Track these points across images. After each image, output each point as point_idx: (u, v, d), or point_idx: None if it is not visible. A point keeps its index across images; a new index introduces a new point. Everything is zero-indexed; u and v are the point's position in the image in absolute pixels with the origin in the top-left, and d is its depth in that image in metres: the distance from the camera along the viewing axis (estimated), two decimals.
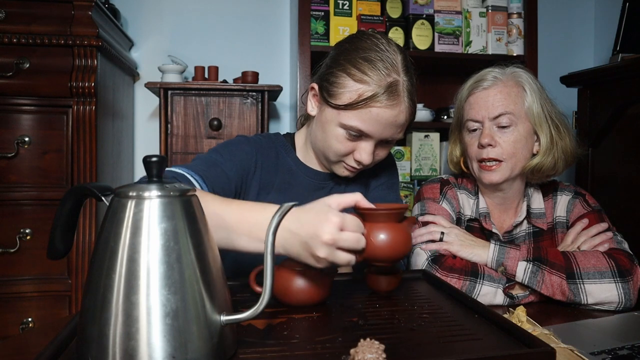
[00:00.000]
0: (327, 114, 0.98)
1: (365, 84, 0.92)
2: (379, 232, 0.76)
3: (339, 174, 1.05)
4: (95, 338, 0.53)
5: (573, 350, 0.73)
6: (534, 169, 1.15)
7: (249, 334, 0.66)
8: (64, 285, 1.62)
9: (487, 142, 1.12)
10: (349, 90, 0.94)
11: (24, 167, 1.61)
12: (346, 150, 0.98)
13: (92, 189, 0.59)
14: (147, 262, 0.53)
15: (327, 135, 0.98)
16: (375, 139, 0.97)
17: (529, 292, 1.03)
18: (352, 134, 0.96)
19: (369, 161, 0.98)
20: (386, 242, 0.76)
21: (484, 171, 1.14)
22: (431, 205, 1.19)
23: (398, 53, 0.96)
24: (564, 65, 2.36)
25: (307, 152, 1.11)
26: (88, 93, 1.62)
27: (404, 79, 0.95)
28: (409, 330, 0.68)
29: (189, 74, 2.15)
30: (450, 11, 2.05)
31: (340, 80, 0.95)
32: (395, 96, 0.93)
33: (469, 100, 1.17)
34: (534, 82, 1.16)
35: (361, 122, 0.94)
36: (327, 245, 0.69)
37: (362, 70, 0.93)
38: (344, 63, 0.96)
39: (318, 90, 1.01)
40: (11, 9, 1.60)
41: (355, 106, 0.92)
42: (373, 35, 0.99)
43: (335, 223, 0.69)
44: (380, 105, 0.92)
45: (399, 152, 2.15)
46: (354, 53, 0.95)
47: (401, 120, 0.96)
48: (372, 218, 0.77)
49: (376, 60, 0.93)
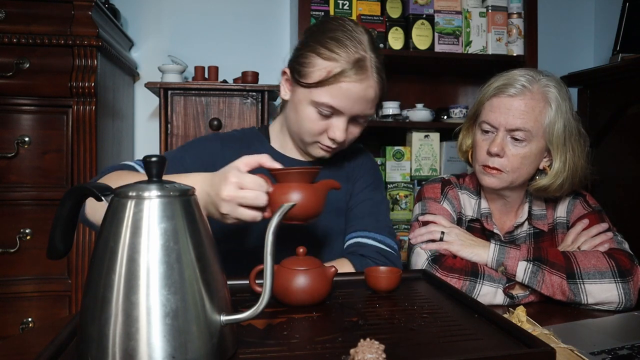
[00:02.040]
0: (299, 94, 1.01)
1: (334, 61, 0.96)
2: (285, 190, 0.80)
3: (315, 155, 1.07)
4: (95, 338, 0.53)
5: (573, 350, 0.73)
6: (540, 189, 1.14)
7: (249, 334, 0.66)
8: (64, 285, 1.62)
9: (496, 152, 1.09)
10: (318, 69, 0.97)
11: (24, 167, 1.61)
12: (319, 129, 1.01)
13: (92, 189, 0.58)
14: (147, 262, 0.53)
15: (300, 116, 1.01)
16: (347, 115, 0.99)
17: (529, 292, 1.03)
18: (324, 111, 0.98)
19: (343, 138, 1.00)
20: (291, 199, 0.79)
21: (484, 174, 1.14)
22: (432, 205, 1.19)
23: (364, 33, 1.01)
24: (564, 65, 2.36)
25: (283, 140, 1.12)
26: (88, 93, 1.62)
27: (371, 55, 0.98)
28: (409, 330, 0.68)
29: (189, 74, 2.15)
30: (450, 11, 2.05)
31: (309, 60, 0.99)
32: (364, 71, 0.96)
33: (492, 102, 1.12)
34: (564, 99, 1.10)
35: (332, 98, 0.97)
36: (227, 202, 0.77)
37: (330, 48, 0.97)
38: (313, 44, 1.00)
39: (289, 73, 1.05)
40: (11, 9, 1.60)
41: (325, 83, 0.96)
42: (340, 18, 1.05)
43: (233, 182, 0.77)
44: (349, 80, 0.95)
45: (399, 152, 2.15)
46: (322, 34, 1.00)
47: (370, 95, 0.99)
48: (281, 178, 0.82)
49: (343, 39, 0.97)
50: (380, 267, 0.91)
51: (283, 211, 0.61)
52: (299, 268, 0.78)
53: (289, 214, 0.77)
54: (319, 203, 0.82)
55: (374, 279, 0.86)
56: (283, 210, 0.61)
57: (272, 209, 0.81)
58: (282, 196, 0.80)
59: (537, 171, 1.15)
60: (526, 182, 1.16)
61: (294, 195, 0.79)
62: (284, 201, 0.77)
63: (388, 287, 0.86)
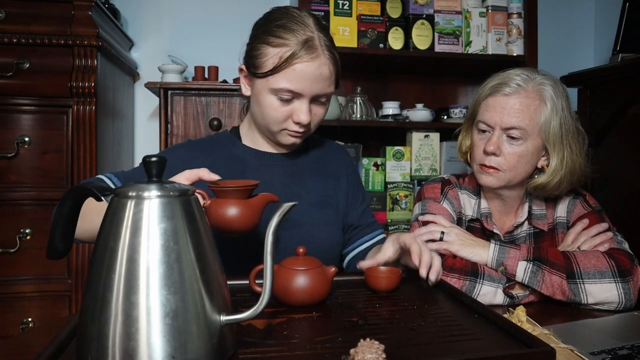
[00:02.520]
0: (258, 86, 1.03)
1: (284, 46, 0.98)
2: (221, 205, 0.82)
3: (285, 142, 1.08)
4: (95, 338, 0.53)
5: (573, 350, 0.73)
6: (537, 187, 1.14)
7: (248, 334, 0.66)
8: (64, 285, 1.62)
9: (492, 151, 1.10)
10: (271, 56, 0.99)
11: (24, 167, 1.61)
12: (284, 116, 1.03)
13: (92, 189, 0.58)
14: (147, 262, 0.53)
15: (263, 106, 1.03)
16: (307, 96, 1.01)
17: (529, 292, 1.03)
18: (284, 97, 1.00)
19: (308, 120, 1.02)
20: (224, 215, 0.82)
21: (482, 173, 1.14)
22: (432, 204, 1.19)
23: (309, 16, 1.04)
24: (564, 65, 2.36)
25: (254, 137, 1.14)
26: (88, 93, 1.62)
27: (319, 34, 1.01)
28: (409, 330, 0.68)
29: (189, 74, 2.15)
30: (450, 11, 2.05)
31: (261, 51, 1.01)
32: (314, 50, 0.99)
33: (487, 101, 1.13)
34: (560, 97, 1.10)
35: (289, 82, 0.99)
36: None
37: (278, 35, 0.99)
38: (262, 35, 1.02)
39: (246, 69, 1.07)
40: (11, 9, 1.60)
41: (280, 68, 0.98)
42: (284, 7, 1.08)
43: None
44: (302, 60, 0.98)
45: (399, 152, 2.15)
46: (269, 24, 1.03)
47: (325, 73, 1.01)
48: (218, 193, 0.84)
49: (289, 24, 1.00)
50: (381, 268, 0.91)
51: (283, 211, 0.61)
52: (299, 268, 0.78)
53: (226, 226, 0.82)
54: (253, 217, 0.84)
55: (374, 279, 0.86)
56: (283, 210, 0.61)
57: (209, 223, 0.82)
58: (217, 211, 0.81)
59: (536, 170, 1.15)
60: (524, 181, 1.16)
61: (229, 210, 0.81)
62: (219, 216, 0.81)
63: (388, 287, 0.86)
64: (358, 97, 2.08)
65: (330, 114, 2.02)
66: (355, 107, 2.08)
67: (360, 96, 2.09)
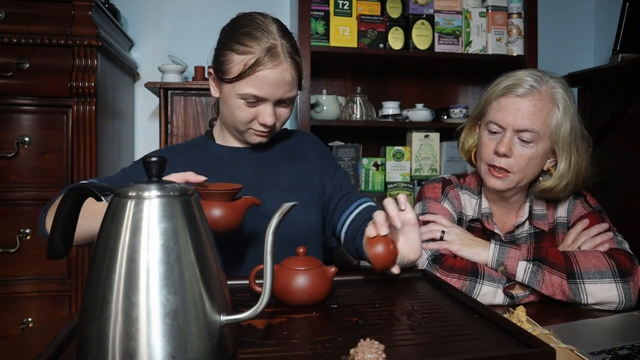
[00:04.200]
0: (225, 90, 1.08)
1: (249, 53, 1.03)
2: (206, 208, 0.85)
3: (252, 141, 1.13)
4: (95, 338, 0.53)
5: (573, 350, 0.73)
6: (544, 190, 1.14)
7: (248, 334, 0.66)
8: (64, 285, 1.62)
9: (504, 152, 1.09)
10: (236, 64, 1.04)
11: (24, 167, 1.61)
12: (249, 117, 1.07)
13: (91, 189, 0.58)
14: (147, 262, 0.53)
15: (231, 109, 1.08)
16: (271, 100, 1.06)
17: (529, 292, 1.03)
18: (250, 100, 1.05)
19: (272, 122, 1.07)
20: (211, 216, 0.86)
21: (490, 176, 1.13)
22: (432, 204, 1.19)
23: (273, 23, 1.08)
24: (564, 65, 2.36)
25: (224, 135, 1.20)
26: (88, 93, 1.62)
27: (281, 42, 1.05)
28: (409, 330, 0.68)
29: (189, 74, 2.15)
30: (450, 11, 2.05)
31: (227, 57, 1.06)
32: (276, 57, 1.03)
33: (499, 101, 1.12)
34: (570, 101, 1.11)
35: (253, 88, 1.03)
36: None
37: (243, 43, 1.04)
38: (228, 42, 1.07)
39: (214, 73, 1.11)
40: (11, 9, 1.60)
41: (244, 75, 1.03)
42: (249, 14, 1.12)
43: None
44: (265, 68, 1.02)
45: (399, 152, 2.15)
46: (235, 32, 1.07)
47: (287, 78, 1.05)
48: (204, 196, 0.88)
49: (253, 32, 1.05)
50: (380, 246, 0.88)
51: (283, 211, 0.61)
52: (298, 268, 0.78)
53: (211, 227, 0.84)
54: (236, 219, 0.89)
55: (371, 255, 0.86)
56: (283, 210, 0.61)
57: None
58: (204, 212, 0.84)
59: (541, 172, 1.15)
60: (530, 183, 1.16)
61: (214, 212, 0.86)
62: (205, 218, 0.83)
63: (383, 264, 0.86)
64: (358, 97, 2.08)
65: (330, 114, 2.02)
66: (355, 107, 2.08)
67: (360, 96, 2.09)
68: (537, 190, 1.15)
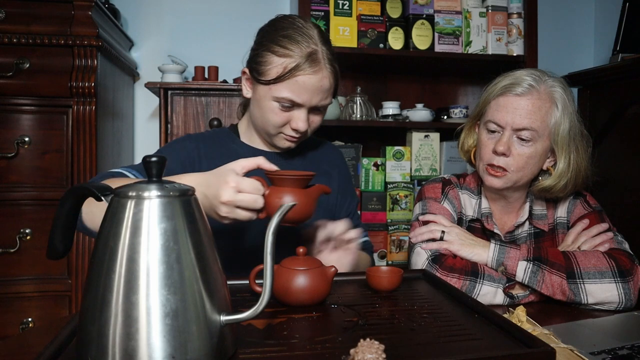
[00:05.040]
0: (260, 91, 1.06)
1: (288, 57, 1.02)
2: (280, 194, 0.83)
3: (281, 145, 1.12)
4: (95, 338, 0.53)
5: (573, 350, 0.73)
6: (544, 189, 1.14)
7: (248, 334, 0.66)
8: (64, 285, 1.62)
9: (502, 151, 1.09)
10: (275, 66, 1.03)
11: (24, 167, 1.61)
12: (282, 121, 1.06)
13: (92, 189, 0.58)
14: (147, 262, 0.53)
15: (264, 111, 1.06)
16: (307, 106, 1.05)
17: (529, 292, 1.03)
18: (285, 104, 1.04)
19: (305, 128, 1.06)
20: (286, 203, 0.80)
21: (489, 175, 1.13)
22: (432, 204, 1.19)
23: (313, 28, 1.07)
24: (564, 65, 2.36)
25: (251, 136, 1.18)
26: (88, 93, 1.62)
27: (322, 48, 1.04)
28: (409, 330, 0.68)
29: (189, 74, 2.15)
30: (450, 11, 2.05)
31: (266, 58, 1.04)
32: (317, 63, 1.02)
33: (498, 101, 1.12)
34: (569, 100, 1.11)
35: (291, 92, 1.02)
36: (225, 205, 0.80)
37: (284, 45, 1.02)
38: (267, 43, 1.05)
39: (249, 72, 1.09)
40: (11, 9, 1.60)
41: (283, 78, 1.01)
42: (290, 16, 1.11)
43: (232, 186, 0.80)
44: (305, 73, 1.01)
45: (399, 152, 2.15)
46: (275, 33, 1.05)
47: (326, 85, 1.05)
48: (277, 182, 0.84)
49: (295, 35, 1.03)
50: (382, 267, 0.91)
51: (283, 211, 0.61)
52: (298, 268, 0.78)
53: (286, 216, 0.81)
54: (311, 207, 0.86)
55: (375, 279, 0.86)
56: (283, 210, 0.61)
57: (267, 211, 0.84)
58: (277, 199, 0.82)
59: (541, 172, 1.15)
60: (529, 182, 1.16)
61: (288, 198, 0.82)
62: (279, 204, 0.79)
63: (390, 287, 0.86)
64: (358, 97, 2.08)
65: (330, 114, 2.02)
66: (355, 107, 2.08)
67: (360, 96, 2.09)
68: (536, 190, 1.15)
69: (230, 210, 0.81)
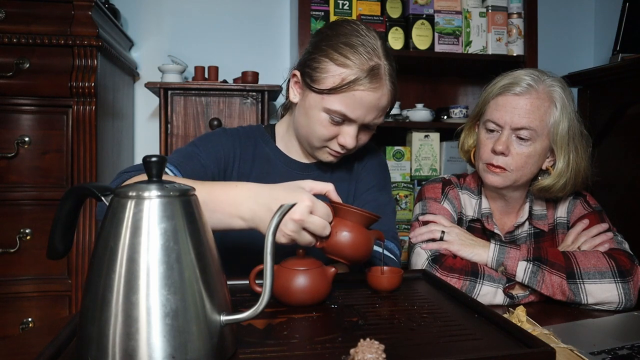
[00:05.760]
0: (311, 100, 0.98)
1: (348, 67, 0.93)
2: (345, 228, 0.78)
3: (323, 159, 1.05)
4: (95, 338, 0.53)
5: (573, 350, 0.73)
6: (543, 189, 1.14)
7: (248, 334, 0.66)
8: (64, 285, 1.62)
9: (501, 150, 1.09)
10: (332, 75, 0.94)
11: (24, 167, 1.61)
12: (330, 135, 0.99)
13: (92, 189, 0.58)
14: (147, 262, 0.53)
15: (311, 121, 0.99)
16: (359, 123, 0.98)
17: (529, 292, 1.03)
18: (336, 118, 0.96)
19: (353, 145, 0.99)
20: (348, 239, 0.78)
21: (488, 172, 1.13)
22: (432, 204, 1.19)
23: (377, 38, 0.98)
24: (564, 65, 2.36)
25: (289, 142, 1.11)
26: (88, 93, 1.62)
27: (385, 62, 0.96)
28: (409, 330, 0.68)
29: (189, 74, 2.15)
30: (450, 11, 2.05)
31: (322, 65, 0.96)
32: (378, 79, 0.94)
33: (497, 100, 1.12)
34: (568, 100, 1.11)
35: (345, 106, 0.94)
36: (295, 223, 0.74)
37: (344, 54, 0.94)
38: (326, 48, 0.96)
39: (300, 76, 1.02)
40: (11, 9, 1.60)
41: (339, 90, 0.93)
42: (352, 21, 1.01)
43: (308, 205, 0.74)
44: (364, 88, 0.93)
45: (399, 152, 2.15)
46: (335, 39, 0.96)
47: (383, 104, 0.98)
48: (341, 213, 0.80)
49: (357, 44, 0.94)
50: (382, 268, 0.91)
51: (283, 211, 0.61)
52: (299, 268, 0.78)
53: (340, 252, 0.78)
54: (369, 249, 0.81)
55: (375, 279, 0.86)
56: (283, 210, 0.61)
57: (326, 241, 0.79)
58: (340, 232, 0.78)
59: (540, 171, 1.15)
60: (528, 182, 1.16)
61: (352, 234, 0.78)
62: (340, 237, 0.77)
63: (390, 287, 0.86)
64: None
65: None
66: None
67: None
68: (536, 189, 1.15)
69: (296, 230, 0.74)
